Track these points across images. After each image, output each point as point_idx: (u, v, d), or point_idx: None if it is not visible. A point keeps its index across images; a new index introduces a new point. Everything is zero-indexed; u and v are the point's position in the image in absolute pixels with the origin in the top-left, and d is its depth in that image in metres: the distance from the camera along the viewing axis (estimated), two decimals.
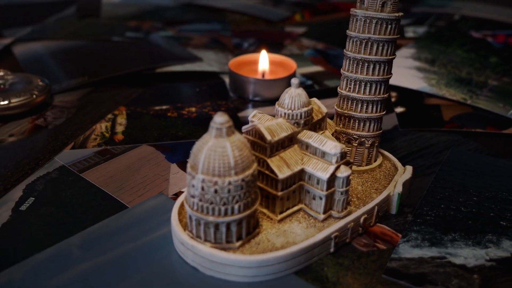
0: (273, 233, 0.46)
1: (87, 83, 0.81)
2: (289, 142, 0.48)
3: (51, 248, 0.47)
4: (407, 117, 0.71)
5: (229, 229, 0.43)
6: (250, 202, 0.43)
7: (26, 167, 0.59)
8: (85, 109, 0.73)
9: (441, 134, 0.67)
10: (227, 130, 0.41)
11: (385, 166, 0.56)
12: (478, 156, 0.61)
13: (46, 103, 0.75)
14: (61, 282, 0.43)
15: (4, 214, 0.51)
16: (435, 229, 0.48)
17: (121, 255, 0.46)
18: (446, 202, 0.52)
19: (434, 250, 0.46)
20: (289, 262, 0.44)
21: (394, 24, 0.51)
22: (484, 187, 0.54)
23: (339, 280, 0.43)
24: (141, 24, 1.10)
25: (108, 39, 1.00)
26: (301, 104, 0.48)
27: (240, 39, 1.02)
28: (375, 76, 0.52)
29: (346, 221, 0.47)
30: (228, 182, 0.41)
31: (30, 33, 1.04)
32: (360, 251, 0.47)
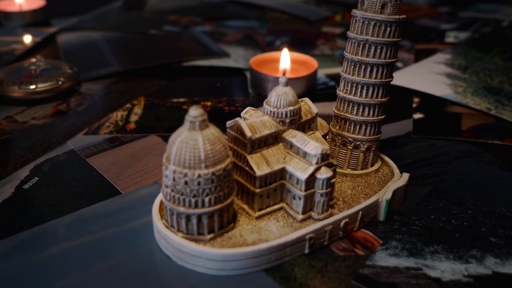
0: (248, 229, 0.46)
1: (115, 73, 0.84)
2: (273, 140, 0.48)
3: (40, 226, 0.49)
4: (423, 124, 0.69)
5: (201, 221, 0.44)
6: (222, 196, 0.44)
7: (39, 149, 0.62)
8: (107, 97, 0.76)
9: (455, 144, 0.65)
10: (200, 124, 0.42)
11: (382, 172, 0.55)
12: (488, 168, 0.58)
13: (73, 89, 0.78)
14: (41, 258, 0.45)
15: (7, 191, 0.54)
16: (418, 239, 0.47)
17: (103, 238, 0.48)
18: (437, 213, 0.50)
19: (411, 261, 0.45)
20: (258, 259, 0.44)
21: (395, 27, 0.49)
22: (483, 201, 0.52)
23: (307, 282, 0.43)
24: (181, 19, 1.12)
25: (145, 32, 1.03)
26: (287, 102, 0.47)
27: (273, 37, 1.03)
28: (372, 79, 0.51)
29: (324, 223, 0.46)
30: (198, 175, 0.42)
31: (76, 24, 1.09)
32: (337, 255, 0.46)
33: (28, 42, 0.98)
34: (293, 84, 0.75)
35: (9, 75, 0.76)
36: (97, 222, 0.50)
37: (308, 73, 0.78)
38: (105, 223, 0.50)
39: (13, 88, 0.73)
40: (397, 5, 0.49)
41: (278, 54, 0.80)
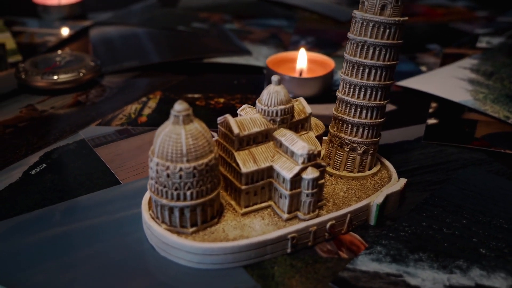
0: (231, 225, 0.46)
1: (136, 67, 0.86)
2: (263, 138, 0.48)
3: (38, 210, 0.51)
4: (436, 130, 0.68)
5: (183, 214, 0.44)
6: (205, 191, 0.44)
7: (52, 137, 0.65)
8: (125, 90, 0.78)
9: (465, 151, 0.63)
10: (183, 118, 0.42)
11: (380, 176, 0.54)
12: (494, 178, 0.56)
13: (94, 81, 0.81)
14: (33, 241, 0.47)
15: (15, 175, 0.57)
16: (404, 246, 0.46)
17: (94, 225, 0.49)
18: (430, 221, 0.49)
19: (393, 267, 0.44)
20: (237, 255, 0.44)
21: (394, 29, 0.49)
22: (481, 211, 0.50)
23: (284, 281, 0.43)
24: (211, 16, 1.14)
25: (173, 28, 1.05)
26: (278, 101, 0.48)
27: (299, 37, 1.02)
28: (370, 81, 0.50)
29: (308, 224, 0.46)
30: (179, 169, 0.42)
31: (109, 18, 1.12)
32: (319, 257, 0.46)
33: (61, 35, 1.02)
34: (309, 83, 0.75)
35: (35, 66, 0.79)
36: (92, 209, 0.52)
37: (324, 73, 0.77)
38: (99, 211, 0.51)
39: (36, 78, 0.76)
40: (398, 6, 0.48)
41: (296, 54, 0.80)
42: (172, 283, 0.43)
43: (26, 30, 1.04)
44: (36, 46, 0.96)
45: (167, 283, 0.43)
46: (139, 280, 0.43)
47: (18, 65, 0.79)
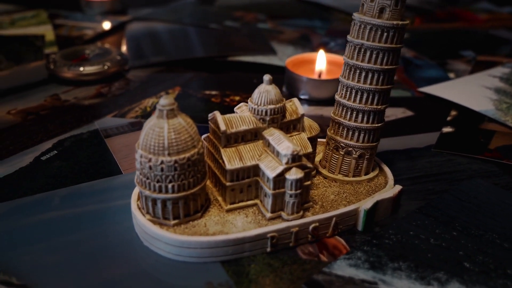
0: (214, 220, 0.47)
1: (162, 62, 0.88)
2: (252, 137, 0.49)
3: (40, 194, 0.54)
4: (449, 139, 0.66)
5: (165, 206, 0.46)
6: (187, 185, 0.45)
7: (68, 125, 0.68)
8: (147, 84, 0.81)
9: (475, 162, 0.61)
10: (167, 112, 0.44)
11: (376, 182, 0.54)
12: (499, 191, 0.54)
13: (120, 75, 0.84)
14: (28, 223, 0.49)
15: (26, 160, 0.60)
16: (385, 253, 0.45)
17: (87, 212, 0.51)
18: (418, 230, 0.48)
19: (370, 274, 0.43)
20: (214, 250, 0.45)
21: (393, 32, 0.48)
22: (476, 224, 0.49)
23: (257, 279, 0.43)
24: (245, 15, 1.15)
25: (206, 26, 1.06)
26: (268, 101, 0.48)
27: (330, 38, 1.02)
28: (367, 85, 0.50)
29: (289, 224, 0.46)
30: (161, 161, 0.44)
31: (147, 14, 1.15)
32: (299, 258, 0.46)
33: (98, 29, 1.05)
34: (323, 85, 0.74)
35: (65, 57, 0.83)
36: (90, 197, 0.54)
37: (332, 77, 0.76)
38: (96, 199, 0.53)
39: (63, 69, 0.79)
40: (397, 10, 0.48)
41: (315, 56, 0.80)
42: (150, 272, 0.44)
43: (66, 23, 1.09)
44: (73, 39, 1.00)
45: (144, 272, 0.44)
46: (119, 267, 0.44)
47: (49, 56, 0.83)
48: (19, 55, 0.91)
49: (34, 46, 0.96)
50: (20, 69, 0.86)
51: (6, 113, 0.71)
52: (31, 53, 0.92)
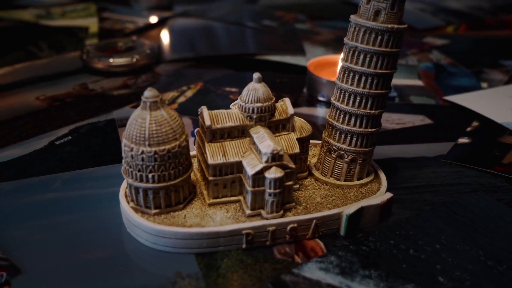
0: (195, 213, 0.48)
1: (191, 58, 0.90)
2: (239, 134, 0.49)
3: (45, 176, 0.57)
4: (462, 150, 0.63)
5: (147, 195, 0.47)
6: (167, 176, 0.46)
7: (88, 113, 0.71)
8: (172, 78, 0.83)
9: (484, 176, 0.58)
10: (150, 104, 0.45)
11: (369, 188, 0.53)
12: (501, 208, 0.52)
13: (149, 68, 0.86)
14: (27, 202, 0.53)
15: (42, 143, 0.64)
16: (359, 260, 0.44)
17: (83, 196, 0.54)
18: (400, 240, 0.47)
19: (338, 279, 0.43)
20: (188, 242, 0.46)
21: (388, 36, 0.47)
22: (463, 239, 0.47)
23: (226, 274, 0.44)
24: (285, 15, 1.15)
25: (243, 24, 1.08)
26: (255, 99, 0.48)
27: None
28: (360, 88, 0.49)
29: (265, 223, 0.47)
30: (141, 151, 0.45)
31: (189, 11, 1.18)
32: (273, 257, 0.46)
33: (139, 23, 1.09)
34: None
35: (98, 49, 0.87)
36: (89, 182, 0.56)
37: None
38: (95, 184, 0.56)
39: (94, 60, 0.83)
40: (393, 13, 0.47)
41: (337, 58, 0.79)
42: (127, 257, 0.46)
43: (112, 16, 1.13)
44: (114, 31, 1.04)
45: (122, 257, 0.46)
46: (100, 250, 0.46)
47: (84, 47, 0.87)
48: (61, 45, 0.96)
49: (77, 37, 1.01)
50: (59, 58, 0.90)
51: (35, 99, 0.75)
52: (72, 44, 0.97)
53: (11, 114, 0.70)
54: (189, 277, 0.43)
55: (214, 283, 0.43)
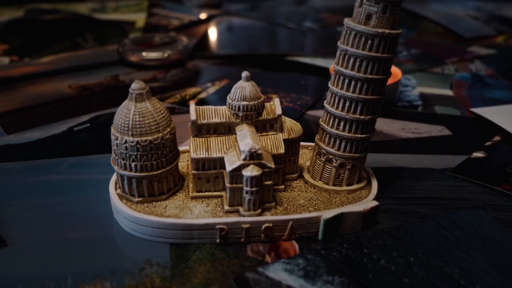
0: (176, 204, 0.50)
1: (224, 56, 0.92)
2: (226, 130, 0.50)
3: (54, 159, 0.61)
4: (473, 164, 0.61)
5: (131, 183, 0.49)
6: (150, 166, 0.48)
7: (111, 103, 0.75)
8: (200, 74, 0.85)
9: (489, 192, 0.55)
10: (136, 96, 0.47)
11: (357, 194, 0.52)
12: (495, 227, 0.49)
13: (181, 63, 0.89)
14: (31, 181, 0.56)
15: (61, 128, 0.68)
16: (325, 265, 0.44)
17: (83, 180, 0.57)
18: (374, 249, 0.46)
19: (299, 282, 0.43)
20: (163, 231, 0.47)
21: (378, 41, 0.46)
22: (442, 255, 0.45)
23: (193, 266, 0.45)
24: (329, 17, 1.14)
25: (285, 25, 1.08)
26: (241, 97, 0.49)
27: (404, 48, 0.98)
28: (349, 93, 0.48)
29: (239, 220, 0.47)
30: (125, 140, 0.47)
31: (236, 10, 1.20)
32: (244, 254, 0.47)
33: (184, 20, 1.12)
34: None
35: (134, 42, 0.90)
36: (93, 167, 0.59)
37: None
38: (97, 170, 0.59)
39: (129, 53, 0.87)
40: (385, 17, 0.46)
41: None
42: (106, 240, 0.48)
43: (160, 12, 1.17)
44: (158, 27, 1.08)
45: (103, 240, 0.48)
46: (85, 231, 0.49)
47: (121, 40, 0.91)
48: (106, 37, 1.01)
49: (123, 31, 1.06)
50: (100, 50, 0.95)
51: (68, 87, 0.79)
52: (116, 37, 1.01)
53: (41, 99, 0.75)
54: (158, 265, 0.45)
55: (180, 273, 0.44)
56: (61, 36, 1.02)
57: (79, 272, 0.44)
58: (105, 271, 0.44)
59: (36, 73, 0.84)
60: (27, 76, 0.83)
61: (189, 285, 0.43)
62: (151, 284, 0.43)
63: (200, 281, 0.43)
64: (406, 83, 0.82)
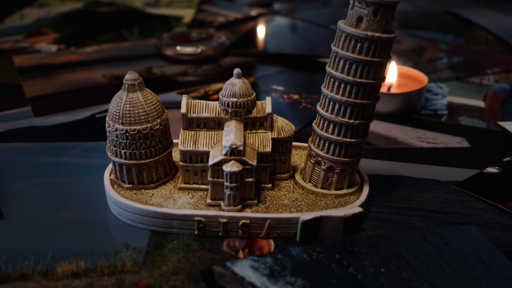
0: (162, 194, 0.51)
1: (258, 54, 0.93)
2: (216, 125, 0.51)
3: (70, 142, 0.64)
4: (483, 179, 0.58)
5: (122, 170, 0.51)
6: (138, 155, 0.50)
7: None
8: (228, 71, 0.86)
9: (491, 210, 0.53)
10: (128, 86, 0.49)
11: (345, 199, 0.51)
12: (485, 246, 0.47)
13: (214, 58, 0.91)
14: (42, 162, 0.60)
15: (85, 114, 0.71)
16: (291, 266, 0.44)
17: (89, 164, 0.60)
18: (345, 256, 0.45)
19: (261, 280, 0.43)
20: (145, 218, 0.49)
21: (368, 44, 0.45)
22: (415, 269, 0.44)
23: (167, 254, 0.46)
24: None
25: (327, 26, 1.07)
26: (231, 93, 0.50)
27: (446, 55, 0.94)
28: (339, 96, 0.48)
29: (216, 214, 0.48)
30: (115, 128, 0.49)
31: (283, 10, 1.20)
32: (218, 248, 0.47)
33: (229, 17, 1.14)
34: (387, 99, 0.71)
35: (172, 37, 0.93)
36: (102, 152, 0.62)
37: (407, 90, 0.72)
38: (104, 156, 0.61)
39: (165, 47, 0.90)
40: (375, 21, 0.45)
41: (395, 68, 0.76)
42: (94, 222, 0.50)
43: (209, 9, 1.20)
44: (203, 23, 1.10)
45: (90, 221, 0.50)
46: (77, 212, 0.51)
47: (161, 35, 0.94)
48: (151, 31, 1.05)
49: (169, 25, 1.09)
50: (143, 42, 0.99)
51: (102, 76, 0.83)
52: (160, 31, 1.05)
53: (74, 86, 0.79)
54: (133, 250, 0.47)
55: (152, 260, 0.46)
56: (109, 27, 1.07)
57: (61, 249, 0.47)
58: (84, 251, 0.46)
59: (77, 62, 0.89)
60: (68, 64, 0.88)
61: (157, 272, 0.44)
62: (121, 267, 0.45)
63: (169, 269, 0.45)
64: (437, 92, 0.79)
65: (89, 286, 0.43)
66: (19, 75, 0.83)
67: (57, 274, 0.44)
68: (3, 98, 0.76)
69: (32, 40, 0.99)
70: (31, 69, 0.85)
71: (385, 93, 0.72)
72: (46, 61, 0.89)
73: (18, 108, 0.73)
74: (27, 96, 0.76)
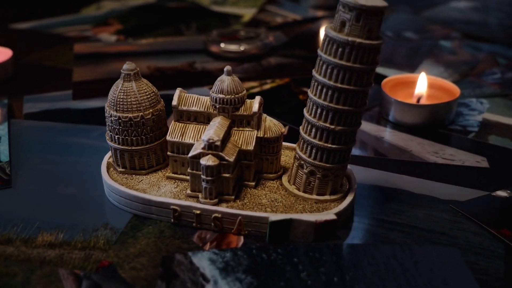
0: (150, 181, 0.54)
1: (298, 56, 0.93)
2: (205, 120, 0.53)
3: (91, 125, 0.69)
4: (487, 202, 0.54)
5: (116, 154, 0.55)
6: (130, 141, 0.53)
7: (168, 86, 0.81)
8: (268, 71, 0.87)
9: (484, 235, 0.50)
10: (124, 75, 0.52)
11: (325, 205, 0.51)
12: (458, 272, 0.45)
13: (257, 58, 0.92)
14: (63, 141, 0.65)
15: None
16: (247, 264, 0.44)
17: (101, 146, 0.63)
18: (304, 261, 0.45)
19: (213, 272, 0.44)
20: (128, 202, 0.52)
21: (349, 50, 0.45)
22: (369, 284, 0.42)
23: (138, 237, 0.49)
24: (437, 29, 1.08)
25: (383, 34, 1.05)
26: (219, 90, 0.51)
27: (502, 69, 0.88)
28: (321, 100, 0.48)
29: (190, 204, 0.50)
30: (110, 114, 0.53)
31: None
32: (188, 238, 0.49)
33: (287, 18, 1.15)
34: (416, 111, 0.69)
35: (220, 34, 0.96)
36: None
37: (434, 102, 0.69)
38: None
39: (211, 43, 0.93)
40: (357, 26, 0.44)
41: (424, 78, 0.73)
42: (86, 200, 0.54)
43: (271, 9, 1.21)
44: (262, 22, 1.12)
45: (82, 199, 0.54)
46: (74, 188, 0.56)
47: (210, 31, 0.97)
48: (208, 28, 1.08)
49: (227, 23, 1.12)
50: (196, 38, 1.03)
51: (146, 67, 0.88)
52: (216, 28, 1.08)
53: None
54: (110, 230, 0.50)
55: (124, 241, 0.48)
56: (169, 22, 1.12)
57: (47, 221, 0.51)
58: (67, 225, 0.50)
59: (129, 52, 0.95)
60: (120, 53, 0.94)
61: (123, 253, 0.47)
62: (94, 244, 0.48)
63: (135, 252, 0.47)
64: (475, 107, 0.75)
65: (60, 257, 0.46)
66: (73, 61, 0.89)
67: (36, 242, 0.48)
68: (53, 80, 0.82)
69: (96, 30, 1.06)
70: (86, 56, 0.92)
71: (411, 104, 0.69)
72: (102, 49, 0.95)
73: (63, 90, 0.79)
74: (73, 80, 0.82)
